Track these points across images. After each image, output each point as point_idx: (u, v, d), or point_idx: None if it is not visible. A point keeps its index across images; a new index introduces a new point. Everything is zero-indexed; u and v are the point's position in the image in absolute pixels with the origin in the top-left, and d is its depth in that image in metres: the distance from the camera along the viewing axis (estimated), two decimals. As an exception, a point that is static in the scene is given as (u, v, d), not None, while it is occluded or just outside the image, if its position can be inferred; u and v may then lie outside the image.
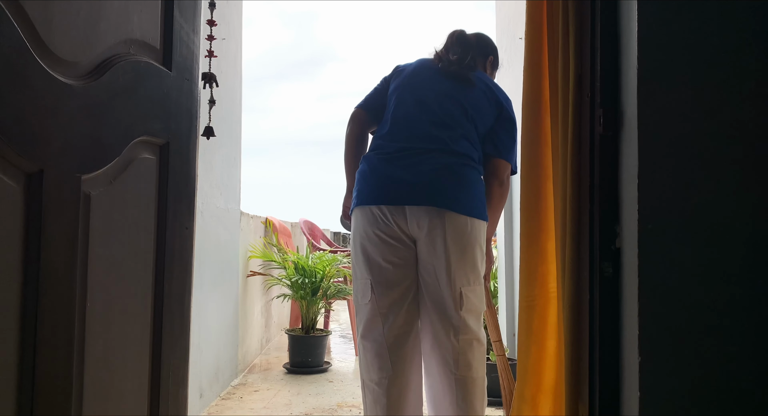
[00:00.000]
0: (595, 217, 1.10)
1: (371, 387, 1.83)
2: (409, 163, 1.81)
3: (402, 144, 1.84)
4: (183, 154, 1.26)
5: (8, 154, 0.77)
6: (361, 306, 1.87)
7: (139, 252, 1.11)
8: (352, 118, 2.01)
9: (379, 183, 1.82)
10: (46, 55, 0.83)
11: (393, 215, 1.79)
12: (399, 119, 1.88)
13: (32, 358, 0.82)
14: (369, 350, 1.84)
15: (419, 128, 1.85)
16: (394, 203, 1.79)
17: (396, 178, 1.80)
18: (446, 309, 1.82)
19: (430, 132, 1.84)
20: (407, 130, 1.86)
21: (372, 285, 1.83)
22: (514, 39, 3.04)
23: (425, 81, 1.94)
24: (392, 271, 1.82)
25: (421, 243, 1.82)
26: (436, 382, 1.85)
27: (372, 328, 1.84)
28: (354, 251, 1.90)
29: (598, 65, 1.11)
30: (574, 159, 1.16)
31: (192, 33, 1.31)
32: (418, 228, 1.80)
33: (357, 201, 1.86)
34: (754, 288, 0.99)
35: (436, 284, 1.82)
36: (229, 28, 2.87)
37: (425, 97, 1.89)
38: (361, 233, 1.85)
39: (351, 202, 1.98)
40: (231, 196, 3.02)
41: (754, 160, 1.00)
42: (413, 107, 1.89)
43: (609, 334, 1.08)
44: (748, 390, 0.98)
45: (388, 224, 1.80)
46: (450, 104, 1.88)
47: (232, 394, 2.82)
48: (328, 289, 3.52)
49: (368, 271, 1.84)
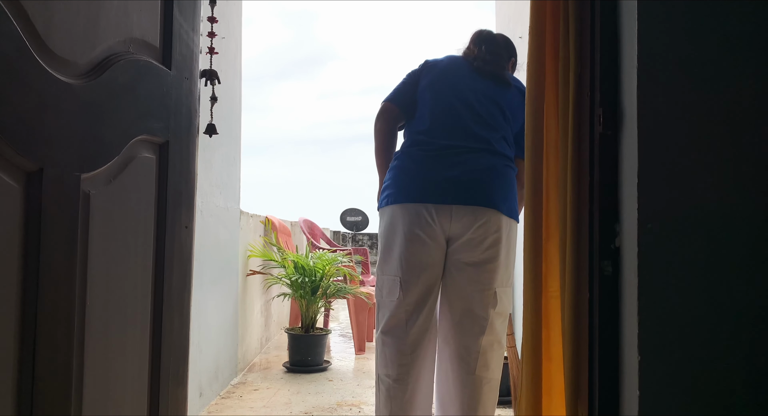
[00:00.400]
0: (595, 216, 1.10)
1: (387, 383, 1.82)
2: (456, 161, 1.79)
3: (447, 141, 1.82)
4: (182, 152, 1.26)
5: (8, 152, 0.77)
6: (385, 302, 1.85)
7: (139, 251, 1.11)
8: (382, 113, 1.95)
9: (426, 181, 1.79)
10: (45, 54, 0.83)
11: (438, 214, 1.77)
12: (440, 116, 1.86)
13: (32, 357, 0.82)
14: (389, 346, 1.82)
15: (463, 127, 1.84)
16: (440, 202, 1.77)
17: (443, 176, 1.78)
18: (473, 309, 1.81)
19: (475, 131, 1.83)
20: (451, 127, 1.84)
21: (401, 283, 1.81)
22: (514, 38, 3.03)
23: (463, 79, 1.92)
24: (424, 272, 1.81)
25: (460, 242, 1.81)
26: (450, 381, 1.85)
27: (396, 325, 1.82)
28: (386, 247, 1.86)
29: (598, 64, 1.11)
30: (574, 158, 1.16)
31: (191, 32, 1.31)
32: (461, 227, 1.78)
33: (397, 197, 1.82)
34: (755, 287, 0.99)
35: (466, 283, 1.81)
36: (228, 26, 2.87)
37: (466, 97, 1.88)
38: (399, 231, 1.81)
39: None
40: (230, 194, 3.02)
41: (755, 159, 1.00)
42: (455, 105, 1.87)
43: (608, 333, 1.08)
44: (748, 389, 0.98)
45: (431, 223, 1.78)
46: (490, 105, 1.88)
47: (231, 393, 2.82)
48: (328, 288, 3.52)
49: (400, 269, 1.81)
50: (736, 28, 1.01)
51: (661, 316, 0.98)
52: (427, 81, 1.93)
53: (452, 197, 1.77)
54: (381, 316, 1.86)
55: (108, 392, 1.02)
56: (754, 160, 1.00)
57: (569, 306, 1.15)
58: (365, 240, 13.01)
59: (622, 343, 1.05)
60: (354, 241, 12.68)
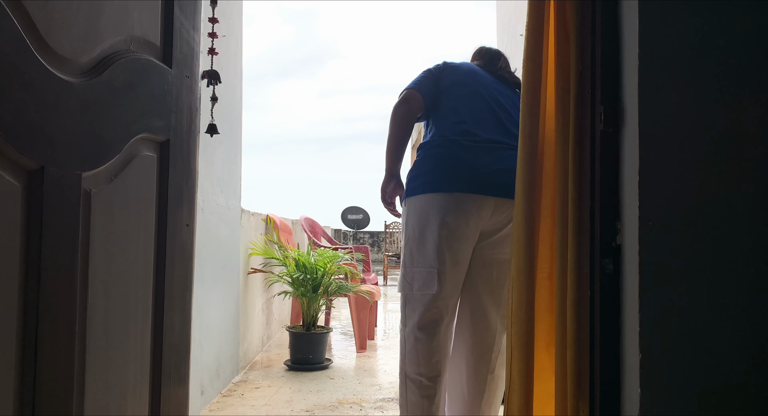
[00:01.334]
0: (596, 214, 1.10)
1: (419, 381, 1.75)
2: (501, 155, 1.78)
3: (491, 135, 1.82)
4: (183, 151, 1.26)
5: (9, 151, 0.77)
6: (416, 296, 1.78)
7: (140, 250, 1.11)
8: (408, 99, 1.87)
9: (475, 170, 1.76)
10: (46, 53, 0.83)
11: (483, 205, 1.75)
12: (476, 111, 1.86)
13: (33, 356, 0.82)
14: (423, 343, 1.76)
15: (501, 124, 1.85)
16: (488, 193, 1.75)
17: (493, 168, 1.76)
18: (499, 306, 1.81)
19: (510, 129, 1.85)
20: (491, 123, 1.85)
21: (438, 274, 1.75)
22: (514, 36, 3.03)
23: (491, 83, 1.95)
24: (458, 265, 1.78)
25: (494, 238, 1.80)
26: (465, 379, 1.83)
27: (433, 320, 1.76)
28: (418, 237, 1.79)
29: (599, 61, 1.11)
30: (575, 155, 1.16)
31: (192, 30, 1.31)
32: (499, 221, 1.78)
33: (438, 185, 1.77)
34: (756, 284, 0.99)
35: (495, 280, 1.81)
36: (229, 25, 2.87)
37: (497, 98, 1.90)
38: (436, 220, 1.75)
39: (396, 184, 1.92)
40: (232, 193, 3.02)
41: (756, 157, 1.00)
42: (489, 103, 1.88)
43: (609, 331, 1.08)
44: (749, 388, 0.98)
45: (473, 215, 1.74)
46: (516, 110, 1.91)
47: (233, 391, 2.82)
48: (329, 286, 3.52)
49: (436, 260, 1.75)
50: (737, 25, 1.01)
51: (662, 314, 0.98)
52: (456, 78, 1.92)
53: (499, 189, 1.74)
54: (411, 311, 1.78)
55: (109, 390, 1.02)
56: (755, 158, 1.00)
57: (570, 303, 1.15)
58: (366, 238, 13.02)
59: (623, 341, 1.05)
60: (355, 239, 12.69)
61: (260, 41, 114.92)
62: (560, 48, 1.25)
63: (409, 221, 1.82)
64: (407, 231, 1.83)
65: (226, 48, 2.78)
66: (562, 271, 1.21)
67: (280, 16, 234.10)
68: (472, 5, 51.35)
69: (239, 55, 3.19)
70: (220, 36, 1.67)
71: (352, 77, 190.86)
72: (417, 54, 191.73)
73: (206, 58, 1.48)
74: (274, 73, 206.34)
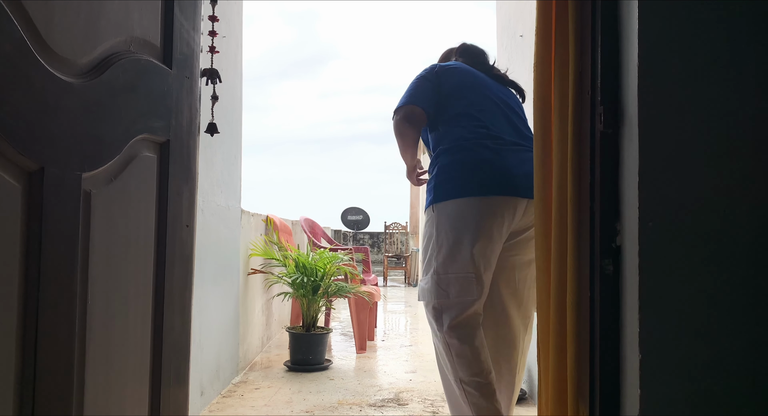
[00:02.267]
0: (596, 215, 1.10)
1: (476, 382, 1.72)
2: (525, 157, 1.78)
3: (514, 138, 1.82)
4: (183, 151, 1.26)
5: (9, 152, 0.77)
6: (453, 303, 1.74)
7: (140, 250, 1.11)
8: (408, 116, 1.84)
9: (507, 171, 1.75)
10: (46, 53, 0.83)
11: (516, 207, 1.74)
12: (489, 114, 1.84)
13: (33, 356, 0.82)
14: (468, 346, 1.73)
15: (516, 127, 1.86)
16: (520, 195, 1.74)
17: (522, 170, 1.75)
18: (527, 308, 1.82)
19: (524, 133, 1.86)
20: (507, 125, 1.85)
21: (476, 279, 1.73)
22: (514, 36, 3.03)
23: (492, 84, 1.94)
24: (490, 268, 1.77)
25: (520, 238, 1.81)
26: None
27: (472, 324, 1.74)
28: (453, 243, 1.74)
29: (599, 62, 1.11)
30: (575, 156, 1.16)
31: (192, 30, 1.31)
32: (527, 222, 1.78)
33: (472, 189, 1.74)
34: (755, 285, 0.99)
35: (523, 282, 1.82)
36: (229, 25, 2.87)
37: (505, 100, 1.91)
38: (473, 224, 1.72)
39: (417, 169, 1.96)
40: (232, 193, 3.02)
41: (755, 157, 1.00)
42: (500, 106, 1.88)
43: (609, 332, 1.08)
44: (749, 387, 0.98)
45: (506, 217, 1.73)
46: (522, 111, 1.94)
47: (233, 392, 2.82)
48: (329, 287, 3.52)
49: (473, 265, 1.72)
50: (736, 26, 1.01)
51: (661, 315, 0.98)
52: (456, 81, 1.90)
53: (529, 191, 1.69)
54: (449, 318, 1.74)
55: (109, 391, 1.02)
56: (755, 158, 1.00)
57: (570, 304, 1.15)
58: (366, 239, 13.01)
59: (623, 342, 1.05)
60: (355, 240, 12.68)
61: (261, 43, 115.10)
62: (560, 48, 1.25)
63: (441, 226, 1.77)
64: (439, 237, 1.78)
65: (226, 48, 2.78)
66: (562, 272, 1.21)
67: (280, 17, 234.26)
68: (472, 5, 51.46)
69: (239, 55, 3.19)
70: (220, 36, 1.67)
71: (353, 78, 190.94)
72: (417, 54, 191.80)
73: (206, 58, 1.48)
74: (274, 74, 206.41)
